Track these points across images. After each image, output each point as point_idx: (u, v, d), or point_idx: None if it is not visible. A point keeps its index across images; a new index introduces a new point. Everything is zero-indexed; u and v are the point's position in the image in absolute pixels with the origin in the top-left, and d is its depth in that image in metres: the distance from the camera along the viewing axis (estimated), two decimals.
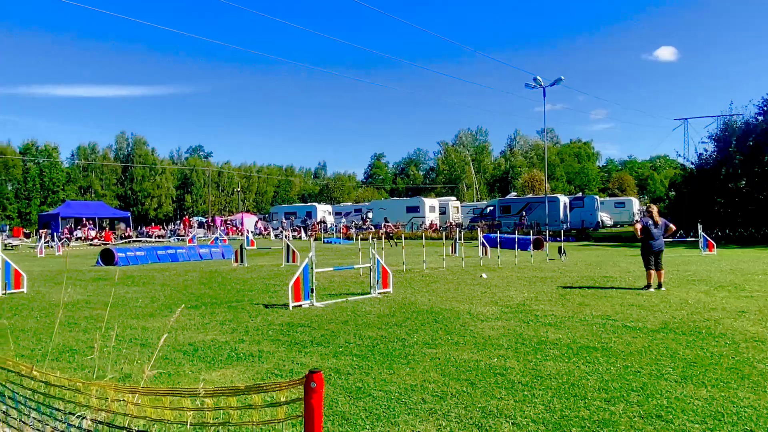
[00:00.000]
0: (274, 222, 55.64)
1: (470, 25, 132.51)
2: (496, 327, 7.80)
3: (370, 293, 11.17)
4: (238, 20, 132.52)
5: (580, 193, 57.04)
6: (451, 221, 47.45)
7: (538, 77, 37.31)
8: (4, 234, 43.19)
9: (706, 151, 35.54)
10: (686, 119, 66.09)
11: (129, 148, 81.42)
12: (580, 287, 12.02)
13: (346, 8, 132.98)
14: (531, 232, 25.46)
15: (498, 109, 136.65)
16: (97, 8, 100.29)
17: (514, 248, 20.39)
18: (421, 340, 7.06)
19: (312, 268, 10.06)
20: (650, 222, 11.70)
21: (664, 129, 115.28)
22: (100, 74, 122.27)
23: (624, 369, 5.63)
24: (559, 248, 20.97)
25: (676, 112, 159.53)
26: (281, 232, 46.11)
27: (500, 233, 23.65)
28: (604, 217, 48.47)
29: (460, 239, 22.61)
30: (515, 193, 63.55)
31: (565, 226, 38.06)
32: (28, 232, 51.54)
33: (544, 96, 38.02)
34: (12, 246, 37.19)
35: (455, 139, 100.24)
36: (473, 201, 72.46)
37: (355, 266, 14.09)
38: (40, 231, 44.10)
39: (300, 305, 9.79)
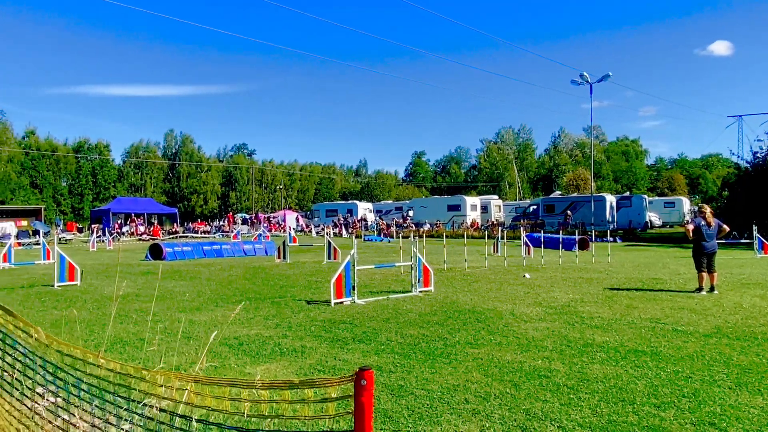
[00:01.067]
0: (316, 219, 56.26)
1: (514, 20, 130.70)
2: (540, 328, 7.67)
3: (411, 291, 11.16)
4: (282, 20, 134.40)
5: (628, 192, 55.56)
6: (493, 220, 46.97)
7: (585, 73, 36.48)
8: (59, 228, 44.97)
9: (762, 149, 34.07)
10: (741, 116, 63.32)
11: (177, 146, 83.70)
12: (627, 289, 11.71)
13: (388, 4, 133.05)
14: (576, 231, 24.93)
15: (542, 106, 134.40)
16: (149, 10, 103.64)
17: (558, 248, 20.03)
18: (463, 339, 7.01)
19: (354, 265, 10.13)
20: (703, 223, 11.29)
21: (718, 126, 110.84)
22: (150, 74, 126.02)
23: (674, 374, 5.46)
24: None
25: (730, 108, 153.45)
26: (322, 229, 46.59)
27: (544, 233, 23.23)
28: (653, 217, 47.07)
29: (502, 238, 22.33)
30: (559, 192, 62.39)
31: (611, 226, 37.14)
32: (80, 226, 53.55)
33: (591, 92, 37.16)
34: (66, 240, 38.74)
35: (496, 136, 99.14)
36: (516, 200, 71.53)
37: (396, 264, 14.10)
38: (92, 226, 45.79)
39: (341, 302, 9.87)
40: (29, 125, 73.22)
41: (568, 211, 40.22)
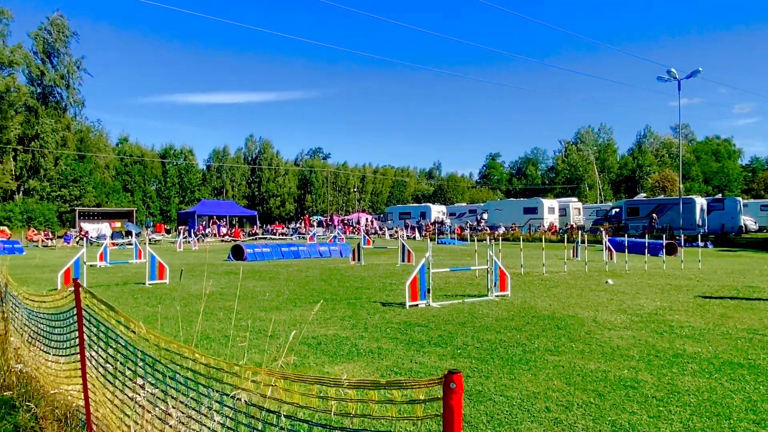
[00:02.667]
0: (389, 222, 56.66)
1: (594, 15, 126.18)
2: (626, 337, 7.33)
3: (487, 296, 10.99)
4: (356, 25, 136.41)
5: (720, 195, 52.20)
6: (572, 223, 45.47)
7: (672, 69, 34.61)
8: (149, 230, 47.78)
9: None
10: None
11: (257, 151, 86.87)
12: (720, 297, 10.98)
13: (463, 6, 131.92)
14: (663, 236, 23.68)
15: (625, 105, 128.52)
16: (233, 21, 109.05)
17: (643, 253, 19.08)
18: (543, 346, 6.82)
19: (429, 268, 10.10)
20: None
21: None
22: (232, 82, 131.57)
23: None
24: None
25: None
26: (395, 231, 46.84)
27: (628, 236, 22.20)
28: (748, 221, 43.92)
29: (582, 242, 21.56)
30: (644, 194, 59.51)
31: (702, 231, 35.03)
32: (168, 228, 56.60)
33: (679, 89, 35.21)
34: (155, 241, 41.08)
35: (576, 136, 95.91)
36: (596, 202, 68.94)
37: (472, 267, 13.93)
38: (179, 227, 48.33)
39: (416, 305, 9.86)
40: (122, 132, 78.39)
41: (654, 214, 38.30)
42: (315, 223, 57.37)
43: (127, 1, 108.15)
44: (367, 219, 60.54)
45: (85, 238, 28.45)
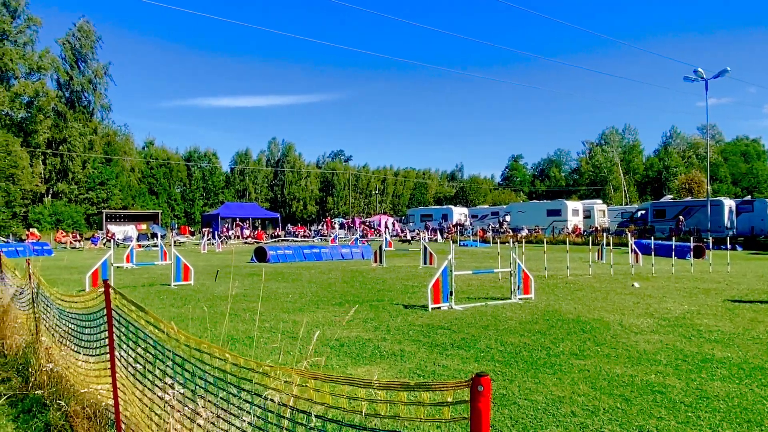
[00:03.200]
0: (411, 224, 56.63)
1: (619, 14, 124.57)
2: (652, 341, 7.22)
3: (510, 298, 10.91)
4: (377, 26, 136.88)
5: (749, 196, 51.03)
6: (597, 225, 44.90)
7: (699, 69, 34.01)
8: (174, 232, 48.39)
9: None
10: None
11: (279, 154, 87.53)
12: (750, 301, 10.74)
13: (481, 6, 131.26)
14: (691, 238, 23.26)
15: (650, 105, 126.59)
16: (255, 25, 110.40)
17: (670, 256, 18.75)
18: (568, 350, 6.74)
19: (451, 270, 10.06)
20: None
21: None
22: (256, 86, 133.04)
23: None
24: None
25: None
26: (417, 233, 46.76)
27: (654, 239, 21.83)
28: None
29: (607, 245, 21.27)
30: (671, 196, 58.51)
31: (730, 233, 34.31)
32: (192, 230, 57.29)
33: (707, 89, 34.58)
34: (180, 243, 41.62)
35: (600, 137, 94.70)
36: (622, 204, 67.98)
37: (495, 270, 13.84)
38: (203, 229, 48.89)
39: (439, 307, 9.84)
40: (148, 136, 79.75)
41: (681, 217, 37.63)
42: (337, 226, 57.57)
43: (151, 6, 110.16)
44: (392, 222, 60.53)
45: (111, 240, 28.96)
